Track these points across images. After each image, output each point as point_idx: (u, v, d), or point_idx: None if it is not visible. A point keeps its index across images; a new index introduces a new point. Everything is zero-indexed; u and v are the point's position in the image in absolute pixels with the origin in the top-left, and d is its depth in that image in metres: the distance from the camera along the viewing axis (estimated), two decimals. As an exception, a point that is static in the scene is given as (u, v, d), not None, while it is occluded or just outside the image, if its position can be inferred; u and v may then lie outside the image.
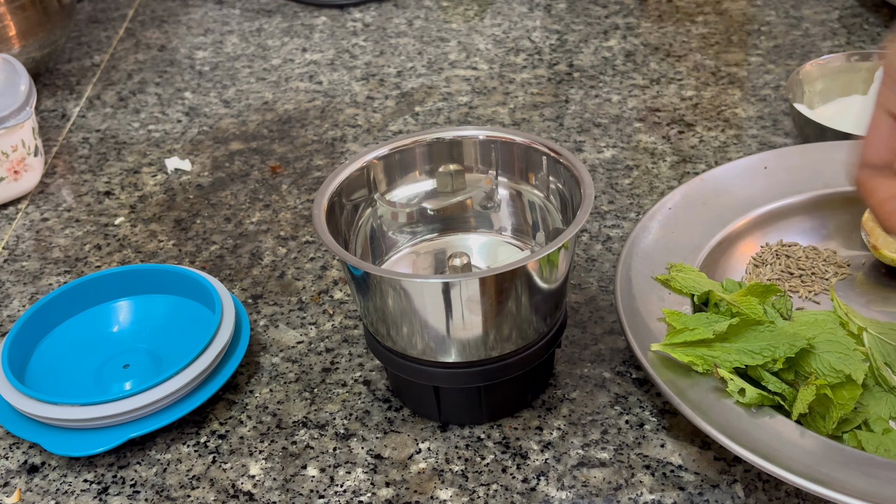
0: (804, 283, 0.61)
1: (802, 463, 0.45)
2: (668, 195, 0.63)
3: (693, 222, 0.62)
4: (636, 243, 0.60)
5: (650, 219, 0.61)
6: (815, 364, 0.50)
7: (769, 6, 1.01)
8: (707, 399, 0.49)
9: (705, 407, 0.48)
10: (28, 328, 0.58)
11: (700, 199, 0.63)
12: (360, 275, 0.49)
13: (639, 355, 0.51)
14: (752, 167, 0.66)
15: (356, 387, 0.57)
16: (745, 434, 0.47)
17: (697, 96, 0.85)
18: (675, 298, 0.56)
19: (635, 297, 0.56)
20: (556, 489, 0.50)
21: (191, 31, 1.05)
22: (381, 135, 0.83)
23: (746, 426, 0.47)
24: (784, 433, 0.47)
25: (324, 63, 0.96)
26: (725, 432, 0.47)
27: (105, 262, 0.70)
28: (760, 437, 0.47)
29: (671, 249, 0.59)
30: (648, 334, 0.53)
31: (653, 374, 0.50)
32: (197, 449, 0.54)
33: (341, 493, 0.51)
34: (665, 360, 0.51)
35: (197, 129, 0.86)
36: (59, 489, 0.53)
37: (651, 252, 0.59)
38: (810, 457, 0.46)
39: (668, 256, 0.59)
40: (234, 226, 0.73)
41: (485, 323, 0.48)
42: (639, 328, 0.53)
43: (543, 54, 0.94)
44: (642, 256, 0.59)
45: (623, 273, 0.57)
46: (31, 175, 0.78)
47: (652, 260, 0.58)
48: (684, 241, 0.60)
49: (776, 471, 0.45)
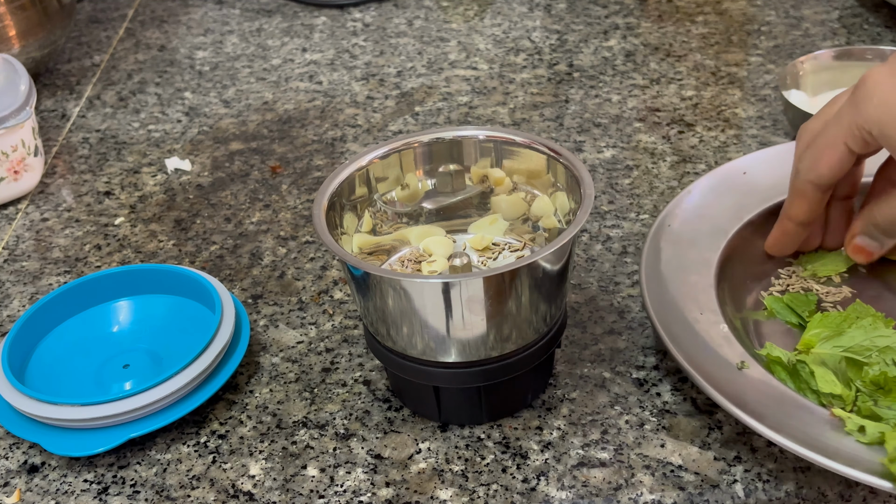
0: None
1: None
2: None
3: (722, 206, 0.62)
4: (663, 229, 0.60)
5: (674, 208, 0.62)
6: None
7: (769, 6, 1.01)
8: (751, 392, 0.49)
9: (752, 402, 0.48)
10: (28, 328, 0.58)
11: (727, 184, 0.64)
12: (360, 275, 0.49)
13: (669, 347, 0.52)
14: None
15: (356, 387, 0.57)
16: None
17: (697, 96, 0.85)
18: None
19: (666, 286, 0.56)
20: (556, 489, 0.50)
21: (191, 31, 1.05)
22: (381, 135, 0.83)
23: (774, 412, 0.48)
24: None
25: (324, 63, 0.96)
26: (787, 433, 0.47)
27: (105, 262, 0.70)
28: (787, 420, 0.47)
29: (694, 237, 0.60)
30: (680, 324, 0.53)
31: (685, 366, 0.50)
32: (197, 449, 0.54)
33: (341, 493, 0.51)
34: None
35: (197, 129, 0.86)
36: (59, 489, 0.53)
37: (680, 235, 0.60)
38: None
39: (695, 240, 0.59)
40: (234, 226, 0.73)
41: (485, 323, 0.48)
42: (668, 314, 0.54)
43: (543, 54, 0.94)
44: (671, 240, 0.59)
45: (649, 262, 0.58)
46: (31, 175, 0.78)
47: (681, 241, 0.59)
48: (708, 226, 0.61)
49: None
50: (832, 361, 0.51)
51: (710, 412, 0.53)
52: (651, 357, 0.57)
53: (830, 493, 0.49)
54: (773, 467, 0.50)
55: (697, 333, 0.53)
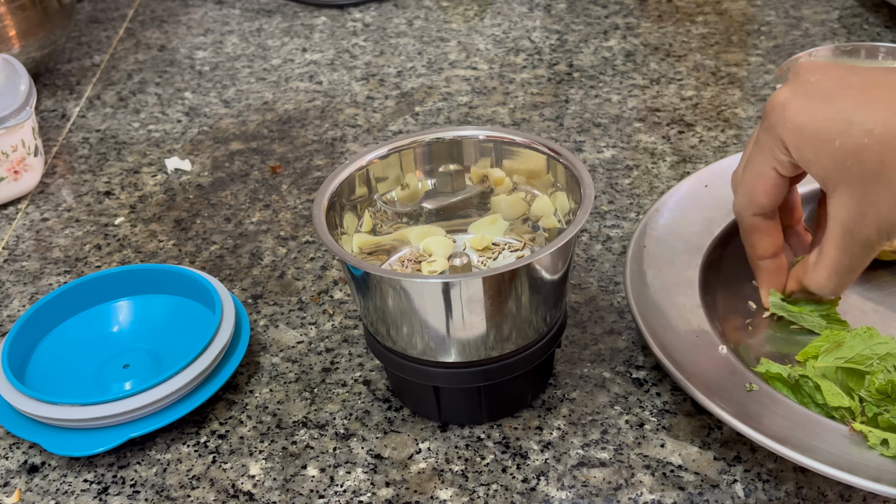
0: None
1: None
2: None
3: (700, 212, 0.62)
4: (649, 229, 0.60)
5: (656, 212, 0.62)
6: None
7: (769, 6, 1.01)
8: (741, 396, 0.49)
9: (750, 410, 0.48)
10: (28, 328, 0.58)
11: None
12: (360, 275, 0.49)
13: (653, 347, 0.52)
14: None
15: (356, 387, 0.57)
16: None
17: (697, 96, 0.85)
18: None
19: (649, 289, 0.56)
20: (556, 489, 0.50)
21: (191, 31, 1.05)
22: (381, 135, 0.83)
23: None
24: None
25: (324, 63, 0.96)
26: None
27: (105, 262, 0.70)
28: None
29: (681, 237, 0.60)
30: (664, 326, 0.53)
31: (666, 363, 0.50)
32: (197, 449, 0.54)
33: (341, 493, 0.51)
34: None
35: (197, 129, 0.86)
36: (59, 489, 0.53)
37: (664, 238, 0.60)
38: None
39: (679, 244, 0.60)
40: (234, 226, 0.73)
41: (485, 323, 0.48)
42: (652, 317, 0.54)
43: (543, 54, 0.94)
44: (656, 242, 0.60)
45: (633, 266, 0.58)
46: (31, 175, 0.78)
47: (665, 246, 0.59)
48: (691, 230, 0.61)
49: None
50: (830, 373, 0.51)
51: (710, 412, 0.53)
52: (651, 357, 0.57)
53: (830, 493, 0.49)
54: (773, 467, 0.50)
55: (699, 359, 0.53)
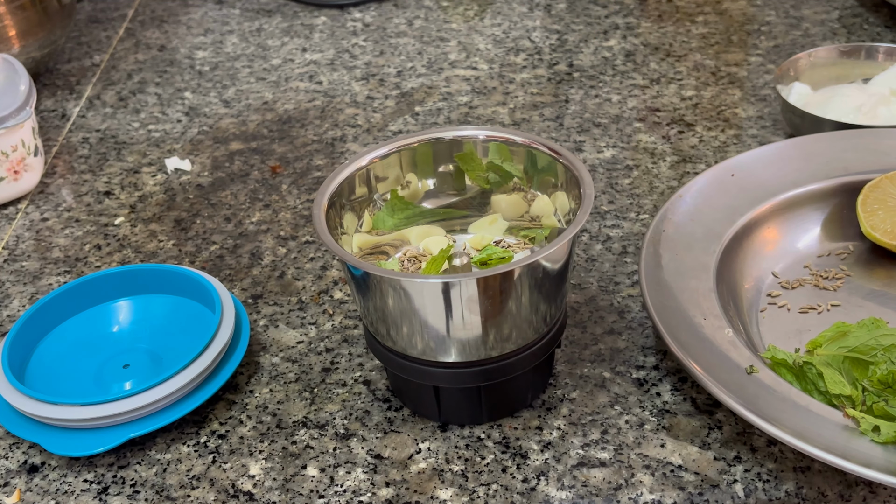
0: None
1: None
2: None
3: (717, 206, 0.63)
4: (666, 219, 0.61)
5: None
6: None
7: (769, 6, 1.01)
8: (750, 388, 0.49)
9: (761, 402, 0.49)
10: (28, 328, 0.58)
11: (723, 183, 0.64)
12: (360, 275, 0.49)
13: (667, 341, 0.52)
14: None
15: (356, 387, 0.57)
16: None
17: (697, 96, 0.85)
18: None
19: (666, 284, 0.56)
20: (556, 489, 0.50)
21: (191, 31, 1.05)
22: (381, 135, 0.83)
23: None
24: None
25: (324, 63, 0.96)
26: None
27: (105, 262, 0.70)
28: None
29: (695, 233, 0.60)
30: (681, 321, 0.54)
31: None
32: (197, 449, 0.54)
33: (341, 493, 0.51)
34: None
35: (197, 129, 0.86)
36: (59, 489, 0.53)
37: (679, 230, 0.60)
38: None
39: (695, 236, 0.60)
40: (234, 226, 0.73)
41: (485, 323, 0.48)
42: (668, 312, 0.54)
43: (543, 54, 0.94)
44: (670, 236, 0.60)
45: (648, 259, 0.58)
46: (30, 175, 0.78)
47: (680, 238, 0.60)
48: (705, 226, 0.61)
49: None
50: (836, 362, 0.52)
51: (710, 412, 0.53)
52: (651, 357, 0.57)
53: (830, 493, 0.49)
54: (772, 467, 0.50)
55: (704, 338, 0.53)
